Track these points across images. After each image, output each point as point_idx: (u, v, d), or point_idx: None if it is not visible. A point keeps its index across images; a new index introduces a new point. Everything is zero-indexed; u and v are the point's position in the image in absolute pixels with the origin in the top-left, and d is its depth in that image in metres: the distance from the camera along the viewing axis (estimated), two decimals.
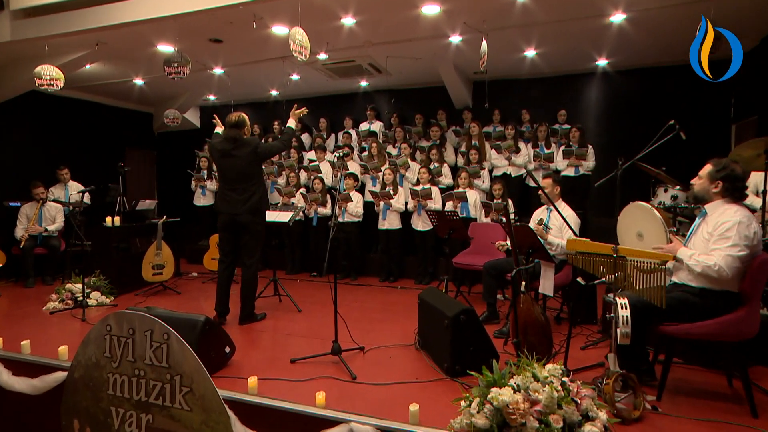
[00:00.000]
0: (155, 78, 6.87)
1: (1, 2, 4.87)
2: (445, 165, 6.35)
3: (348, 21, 4.99)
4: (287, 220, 4.65)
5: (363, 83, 7.76)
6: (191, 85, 7.65)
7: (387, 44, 5.69)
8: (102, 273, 5.03)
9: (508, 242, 3.74)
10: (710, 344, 2.62)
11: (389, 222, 6.04)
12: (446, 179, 6.28)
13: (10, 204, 6.06)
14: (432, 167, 6.16)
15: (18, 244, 5.78)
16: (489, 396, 2.02)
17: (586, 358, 3.26)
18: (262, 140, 8.25)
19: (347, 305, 4.88)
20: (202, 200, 7.58)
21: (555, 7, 4.70)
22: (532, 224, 4.20)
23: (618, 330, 2.33)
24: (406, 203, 6.07)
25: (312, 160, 7.18)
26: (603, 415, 2.02)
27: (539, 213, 4.22)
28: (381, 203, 6.01)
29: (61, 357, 3.20)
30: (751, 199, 3.45)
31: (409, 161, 6.37)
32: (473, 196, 5.77)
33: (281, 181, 7.14)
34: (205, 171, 7.61)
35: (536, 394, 1.99)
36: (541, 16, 4.91)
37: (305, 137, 8.08)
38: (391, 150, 7.08)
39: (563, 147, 6.14)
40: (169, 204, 8.32)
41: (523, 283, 2.80)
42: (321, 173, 6.70)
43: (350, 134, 7.51)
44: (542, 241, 3.92)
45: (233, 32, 5.24)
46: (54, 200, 6.07)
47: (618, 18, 4.95)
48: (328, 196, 6.45)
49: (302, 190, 6.71)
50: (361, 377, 2.97)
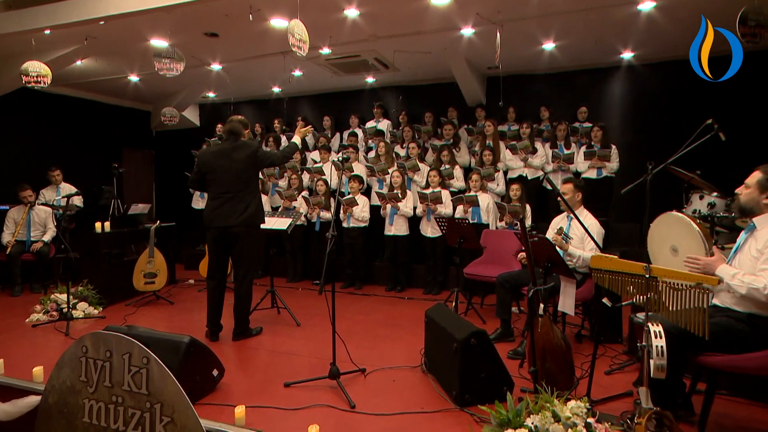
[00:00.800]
0: (151, 75, 6.76)
1: None
2: (457, 167, 6.15)
3: (351, 13, 4.81)
4: (286, 227, 4.48)
5: (369, 79, 7.59)
6: (189, 82, 7.54)
7: (394, 38, 5.50)
8: (90, 282, 4.91)
9: None
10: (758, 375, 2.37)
11: (396, 227, 5.85)
12: (458, 182, 6.07)
13: None
14: (443, 169, 5.95)
15: (4, 250, 5.69)
16: None
17: (612, 385, 3.03)
18: (263, 142, 8.17)
19: (350, 318, 4.71)
20: (201, 203, 7.44)
21: None
22: (551, 233, 3.99)
23: (651, 362, 2.10)
24: (415, 208, 5.86)
25: (315, 161, 7.02)
26: None
27: (558, 220, 3.99)
28: (388, 207, 5.82)
29: (36, 379, 3.06)
30: None
31: (418, 163, 6.17)
32: (486, 201, 5.55)
33: (283, 184, 6.98)
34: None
35: None
36: (561, 6, 4.69)
37: (309, 137, 7.90)
38: (399, 150, 6.89)
39: (584, 147, 5.89)
40: (168, 206, 8.23)
41: (542, 306, 2.58)
42: (324, 175, 6.52)
43: (356, 134, 7.33)
44: (562, 253, 3.71)
45: (229, 25, 5.09)
46: (43, 204, 5.96)
47: (647, 6, 4.69)
48: (332, 200, 6.26)
49: (305, 193, 6.54)
50: (361, 406, 2.77)
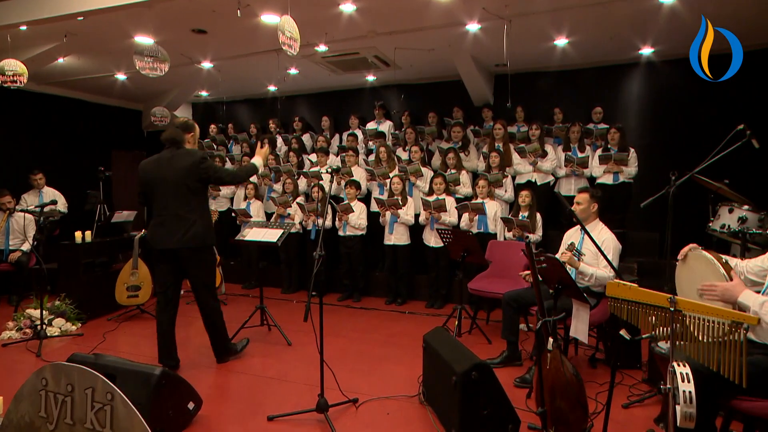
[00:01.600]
0: (138, 73, 6.58)
1: None
2: (464, 172, 5.95)
3: (347, 8, 4.63)
4: (275, 240, 4.29)
5: (370, 78, 7.42)
6: (179, 81, 7.40)
7: (394, 34, 5.33)
8: (69, 295, 4.76)
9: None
10: None
11: (397, 236, 5.67)
12: (465, 188, 5.88)
13: None
14: (449, 174, 5.76)
15: None
16: None
17: (630, 421, 2.82)
18: (259, 142, 7.94)
19: (345, 336, 4.54)
20: None
21: None
22: (563, 247, 3.78)
23: (678, 408, 1.89)
24: (417, 215, 5.66)
25: (313, 163, 6.84)
26: None
27: (571, 234, 3.78)
28: (387, 214, 5.63)
29: None
30: None
31: (421, 167, 5.97)
32: (493, 208, 5.34)
33: (278, 188, 6.81)
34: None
35: None
36: None
37: (306, 138, 7.75)
38: (402, 154, 6.69)
39: (599, 150, 5.67)
40: None
41: (551, 340, 2.38)
42: (321, 180, 6.33)
43: (356, 135, 7.16)
44: (573, 272, 3.50)
45: (217, 22, 4.93)
46: (22, 210, 5.82)
47: None
48: (329, 207, 6.08)
49: (300, 199, 6.37)
50: None
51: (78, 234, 4.94)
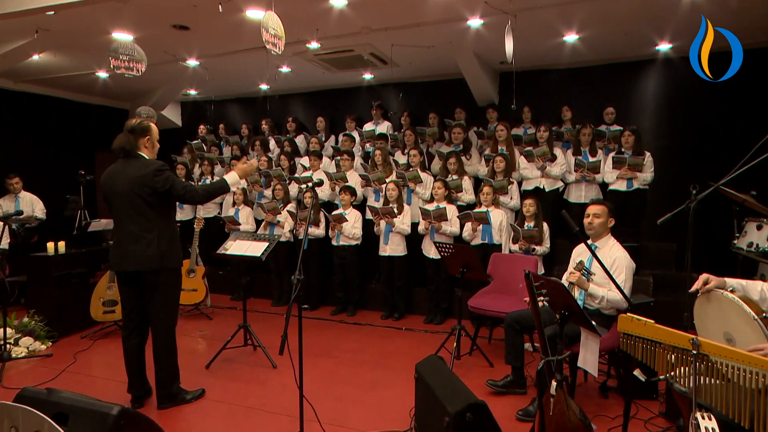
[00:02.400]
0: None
1: None
2: (466, 177, 5.75)
3: (338, 2, 4.43)
4: (260, 254, 4.09)
5: (367, 76, 7.24)
6: (164, 79, 7.25)
7: (390, 30, 5.16)
8: (39, 311, 4.58)
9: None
10: None
11: (392, 247, 5.48)
12: (467, 195, 5.67)
13: None
14: (450, 180, 5.56)
15: None
16: None
17: None
18: (251, 143, 7.83)
19: (337, 357, 4.36)
20: (180, 214, 7.11)
21: None
22: (572, 265, 3.57)
23: None
24: (416, 224, 5.46)
25: (305, 167, 6.65)
26: None
27: (580, 251, 3.55)
28: (382, 223, 5.43)
29: None
30: None
31: (420, 173, 5.77)
32: (498, 218, 5.13)
33: (269, 194, 6.62)
34: (183, 180, 7.15)
35: None
36: None
37: (300, 140, 7.56)
38: (400, 157, 6.49)
39: (612, 154, 5.45)
40: None
41: (554, 384, 2.16)
42: (320, 184, 6.11)
43: (352, 137, 6.95)
44: (582, 295, 3.30)
45: (199, 17, 4.76)
46: None
47: None
48: (322, 215, 5.89)
49: (291, 206, 6.17)
50: None
51: (50, 245, 4.76)
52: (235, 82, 7.61)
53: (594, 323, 2.66)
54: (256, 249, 4.21)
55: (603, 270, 3.26)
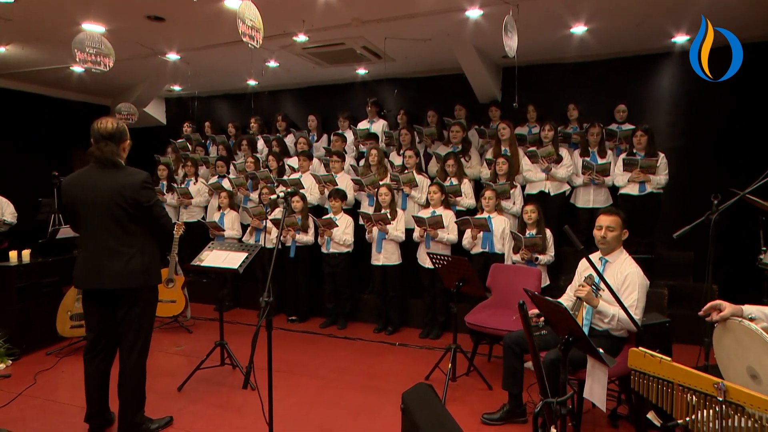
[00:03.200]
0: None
1: None
2: (466, 181, 5.55)
3: None
4: (237, 266, 3.87)
5: (361, 71, 7.03)
6: (145, 74, 7.09)
7: (383, 22, 4.97)
8: (0, 326, 4.38)
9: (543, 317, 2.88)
10: None
11: (386, 255, 5.29)
12: (466, 200, 5.48)
13: None
14: (448, 185, 5.38)
15: None
16: None
17: None
18: (238, 142, 7.61)
19: (320, 377, 4.16)
20: None
21: None
22: (577, 278, 3.35)
23: None
24: (411, 231, 5.26)
25: (294, 169, 6.45)
26: None
27: (587, 263, 3.32)
28: (374, 230, 5.23)
29: None
30: None
31: (416, 175, 5.56)
32: (501, 225, 4.92)
33: (256, 197, 6.42)
34: (164, 182, 6.97)
35: None
36: None
37: (290, 139, 7.35)
38: (395, 158, 6.28)
39: (623, 155, 5.25)
40: None
41: (554, 430, 1.94)
42: (303, 188, 5.94)
43: (344, 137, 6.75)
44: (590, 311, 3.07)
45: (174, 7, 4.57)
46: None
47: None
48: (311, 220, 5.69)
49: (278, 212, 5.96)
50: None
51: (13, 254, 4.56)
52: (221, 78, 7.41)
53: (602, 351, 2.43)
54: (234, 260, 4.00)
55: (616, 279, 3.09)
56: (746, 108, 5.65)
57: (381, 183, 5.47)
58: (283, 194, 2.95)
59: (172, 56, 6.10)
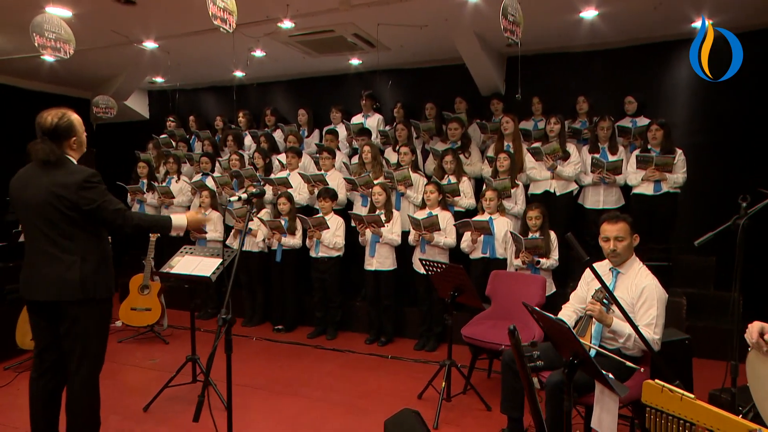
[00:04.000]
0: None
1: None
2: (465, 179, 5.34)
3: None
4: (209, 275, 3.64)
5: (354, 61, 6.82)
6: (123, 64, 6.88)
7: (374, 6, 4.76)
8: None
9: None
10: None
11: (379, 260, 5.10)
12: (466, 199, 5.29)
13: None
14: (446, 183, 5.18)
15: None
16: None
17: None
18: (224, 137, 7.39)
19: (302, 395, 3.94)
20: None
21: None
22: (584, 287, 3.11)
23: None
24: (408, 233, 5.05)
25: (283, 166, 6.23)
26: None
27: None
28: (367, 232, 5.02)
29: None
30: None
31: (412, 173, 5.35)
32: (503, 227, 4.71)
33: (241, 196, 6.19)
34: (144, 181, 6.77)
35: None
36: None
37: (278, 135, 7.14)
38: (391, 155, 6.07)
39: (637, 152, 5.04)
40: None
41: None
42: (291, 188, 5.74)
43: (336, 132, 6.54)
44: (600, 329, 2.83)
45: None
46: None
47: None
48: (299, 221, 5.47)
49: (264, 212, 5.75)
50: None
51: None
52: (205, 68, 7.21)
53: (612, 377, 2.19)
54: (207, 267, 3.77)
55: (629, 293, 2.84)
56: None
57: (375, 182, 5.27)
58: (247, 196, 2.67)
59: (150, 44, 5.89)
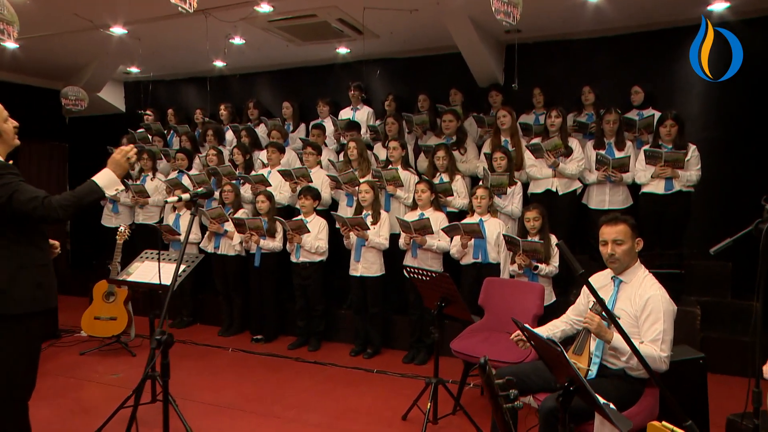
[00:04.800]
0: (31, 39, 5.83)
1: None
2: (459, 177, 5.20)
3: None
4: (170, 282, 3.41)
5: (342, 50, 6.66)
6: (93, 52, 6.75)
7: None
8: None
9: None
10: None
11: (365, 265, 4.95)
12: (459, 199, 5.14)
13: None
14: (438, 182, 5.04)
15: None
16: None
17: None
18: (203, 134, 7.18)
19: (276, 416, 3.75)
20: (114, 220, 6.66)
21: None
22: (582, 298, 2.89)
23: None
24: (397, 236, 4.89)
25: (264, 164, 6.07)
26: None
27: (596, 283, 2.84)
28: (351, 235, 4.85)
29: None
30: None
31: (402, 171, 5.22)
32: (496, 229, 4.53)
33: (216, 196, 6.00)
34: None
35: None
36: None
37: (261, 129, 6.96)
38: (380, 152, 5.94)
39: (646, 147, 4.88)
40: (88, 219, 7.28)
41: None
42: (270, 186, 5.57)
43: (322, 126, 6.37)
44: (602, 345, 2.60)
45: None
46: None
47: None
48: (278, 224, 5.29)
49: (242, 212, 5.54)
50: None
51: None
52: (182, 57, 7.05)
53: (613, 407, 1.96)
54: (168, 274, 3.54)
55: (632, 305, 2.62)
56: None
57: (362, 180, 5.09)
58: (190, 195, 2.42)
59: (118, 30, 5.69)
